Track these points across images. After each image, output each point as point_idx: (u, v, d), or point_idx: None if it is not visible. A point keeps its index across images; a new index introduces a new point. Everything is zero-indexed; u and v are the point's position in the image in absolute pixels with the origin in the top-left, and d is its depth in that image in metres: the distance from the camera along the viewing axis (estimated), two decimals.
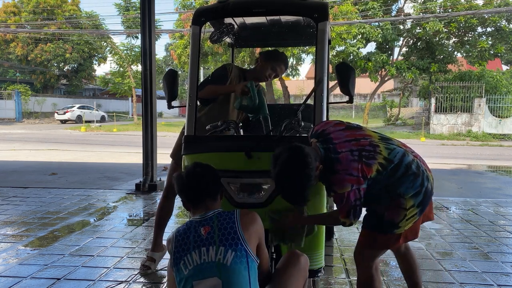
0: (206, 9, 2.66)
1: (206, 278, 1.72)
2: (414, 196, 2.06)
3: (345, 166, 1.97)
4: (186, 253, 1.78)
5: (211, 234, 1.78)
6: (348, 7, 20.08)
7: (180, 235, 1.83)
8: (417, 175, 2.06)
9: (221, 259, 1.73)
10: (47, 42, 34.09)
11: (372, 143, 2.07)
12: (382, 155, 2.04)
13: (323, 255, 2.47)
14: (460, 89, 20.14)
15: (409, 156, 2.11)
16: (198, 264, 1.75)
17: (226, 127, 2.99)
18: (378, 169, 2.01)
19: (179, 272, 1.78)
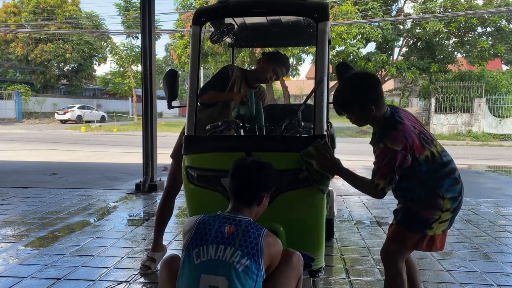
0: (206, 9, 2.66)
1: (215, 275, 1.75)
2: (452, 200, 2.07)
3: (404, 130, 2.02)
4: (204, 243, 1.80)
5: (233, 236, 1.81)
6: (348, 7, 20.08)
7: (204, 223, 1.87)
8: (457, 182, 2.10)
9: (234, 262, 1.76)
10: (47, 42, 34.10)
11: (431, 134, 2.16)
12: (436, 148, 2.10)
13: (323, 255, 2.47)
14: (460, 89, 20.15)
15: (454, 163, 2.16)
16: (211, 259, 1.77)
17: (226, 127, 2.99)
18: (428, 157, 2.04)
19: (189, 258, 1.81)
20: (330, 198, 3.79)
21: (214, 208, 2.38)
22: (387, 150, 1.99)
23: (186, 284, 1.80)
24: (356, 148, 13.93)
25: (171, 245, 3.96)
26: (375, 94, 2.10)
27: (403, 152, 1.98)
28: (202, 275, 1.77)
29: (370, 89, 2.10)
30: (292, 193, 2.31)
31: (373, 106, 2.08)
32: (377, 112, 2.10)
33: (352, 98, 2.11)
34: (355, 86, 2.13)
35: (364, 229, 4.56)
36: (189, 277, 1.80)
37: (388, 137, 2.01)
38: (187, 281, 1.80)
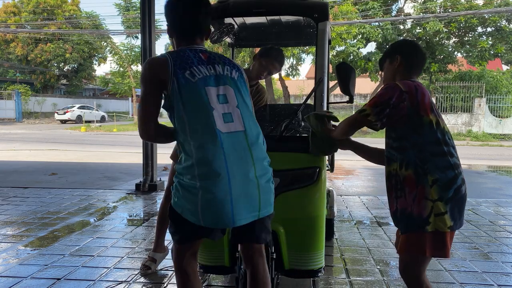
0: None
1: (218, 86, 1.82)
2: (441, 186, 1.93)
3: (420, 86, 2.02)
4: (191, 65, 1.82)
5: (211, 59, 1.89)
6: (348, 7, 20.08)
7: (179, 55, 1.85)
8: (452, 168, 1.97)
9: (228, 74, 1.88)
10: (47, 42, 34.10)
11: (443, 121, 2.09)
12: (443, 124, 2.05)
13: (323, 255, 2.47)
14: (460, 89, 20.15)
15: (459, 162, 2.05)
16: (209, 75, 1.83)
17: None
18: (432, 123, 1.98)
19: (185, 79, 1.78)
20: (330, 198, 3.79)
21: None
22: (392, 85, 2.00)
23: (193, 97, 1.77)
24: None
25: (171, 245, 3.95)
26: (413, 60, 2.14)
27: (405, 94, 1.95)
28: (205, 88, 1.79)
29: (413, 53, 2.15)
30: (292, 193, 2.31)
31: (399, 59, 2.12)
32: (401, 68, 2.13)
33: (398, 47, 2.19)
34: (401, 42, 2.24)
35: (364, 229, 4.55)
36: (194, 93, 1.78)
37: (401, 81, 2.04)
38: (194, 95, 1.78)
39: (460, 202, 2.00)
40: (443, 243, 2.02)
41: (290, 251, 2.37)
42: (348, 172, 9.05)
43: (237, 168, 1.72)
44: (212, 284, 3.10)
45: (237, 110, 1.81)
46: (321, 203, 2.37)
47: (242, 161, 1.75)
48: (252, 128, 1.83)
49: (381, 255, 3.70)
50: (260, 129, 1.88)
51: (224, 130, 1.75)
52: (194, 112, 1.77)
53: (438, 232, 1.98)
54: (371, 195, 6.35)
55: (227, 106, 1.80)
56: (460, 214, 2.01)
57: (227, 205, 1.70)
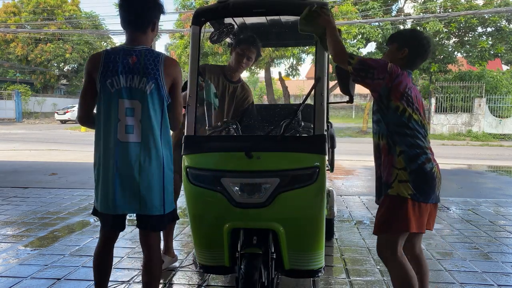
0: (206, 9, 2.66)
1: (130, 99, 2.09)
2: (407, 158, 2.16)
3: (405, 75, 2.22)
4: (114, 74, 2.09)
5: (137, 65, 2.09)
6: (348, 7, 20.07)
7: (110, 56, 2.12)
8: (417, 147, 2.18)
9: (143, 87, 2.09)
10: (47, 42, 34.07)
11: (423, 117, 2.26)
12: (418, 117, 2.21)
13: (323, 255, 2.47)
14: (460, 89, 20.13)
15: (425, 145, 2.22)
16: (125, 87, 2.09)
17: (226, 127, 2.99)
18: (397, 108, 2.17)
19: (104, 88, 2.10)
20: (330, 198, 3.79)
21: (214, 208, 2.39)
22: (385, 62, 2.22)
23: (106, 108, 2.11)
24: (356, 148, 13.92)
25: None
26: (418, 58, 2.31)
27: (386, 74, 2.17)
28: (118, 100, 2.08)
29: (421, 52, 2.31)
30: (292, 193, 2.31)
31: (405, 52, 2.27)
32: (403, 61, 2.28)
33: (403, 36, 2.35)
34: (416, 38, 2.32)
35: (364, 229, 4.55)
36: (108, 103, 2.10)
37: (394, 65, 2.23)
38: (107, 106, 2.11)
39: (426, 178, 2.19)
40: (405, 211, 2.16)
41: (290, 251, 2.37)
42: (348, 172, 9.05)
43: (122, 171, 2.09)
44: (212, 284, 3.10)
45: (139, 124, 2.09)
46: (321, 203, 2.36)
47: (128, 166, 2.08)
48: (149, 141, 2.10)
49: None
50: (159, 140, 2.12)
51: (123, 139, 2.08)
52: (105, 118, 2.12)
53: (400, 197, 2.17)
54: (371, 195, 6.35)
55: (131, 119, 2.08)
56: (428, 188, 2.19)
57: (106, 197, 2.12)
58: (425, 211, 2.23)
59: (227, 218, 2.36)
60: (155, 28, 2.22)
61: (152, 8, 2.17)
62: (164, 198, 2.18)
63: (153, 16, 2.18)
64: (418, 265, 2.38)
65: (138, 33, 2.16)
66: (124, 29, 2.17)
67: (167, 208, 2.21)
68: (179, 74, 2.19)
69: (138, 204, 2.12)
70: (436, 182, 2.22)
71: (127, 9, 2.15)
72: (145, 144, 2.09)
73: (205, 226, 2.46)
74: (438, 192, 2.28)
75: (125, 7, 2.15)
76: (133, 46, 2.14)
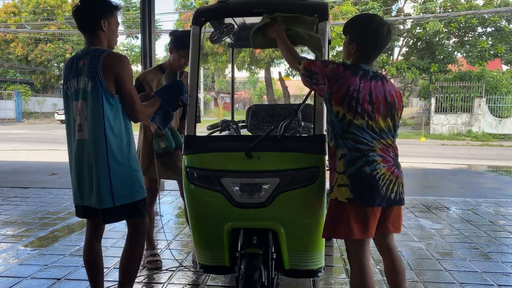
0: (206, 9, 2.66)
1: (77, 100, 2.27)
2: (346, 162, 2.09)
3: (346, 76, 2.08)
4: (69, 78, 2.30)
5: (83, 68, 2.23)
6: (348, 7, 20.10)
7: (69, 63, 2.33)
8: (357, 150, 2.07)
9: (86, 87, 2.22)
10: (47, 42, 34.08)
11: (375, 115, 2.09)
12: (367, 114, 2.06)
13: (323, 255, 2.47)
14: (460, 89, 20.13)
15: (369, 148, 2.07)
16: (76, 89, 2.27)
17: (226, 127, 2.99)
18: (338, 113, 2.08)
19: (64, 92, 2.35)
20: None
21: (214, 208, 2.39)
22: (330, 64, 2.15)
23: (67, 110, 2.35)
24: None
25: (171, 245, 3.96)
26: (368, 45, 2.14)
27: (326, 80, 2.10)
28: (73, 102, 2.29)
29: (369, 38, 2.13)
30: (292, 193, 2.31)
31: (355, 47, 2.15)
32: (355, 55, 2.17)
33: (350, 28, 2.21)
34: (363, 25, 2.17)
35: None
36: (67, 105, 2.34)
37: (338, 66, 2.13)
38: (67, 108, 2.34)
39: (365, 181, 2.08)
40: (346, 216, 2.11)
41: (290, 251, 2.37)
42: None
43: (77, 167, 2.30)
44: (212, 284, 3.10)
45: (85, 122, 2.25)
46: (321, 203, 2.36)
47: (81, 162, 2.28)
48: (94, 138, 2.24)
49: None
50: (104, 137, 2.23)
51: (77, 137, 2.29)
52: (67, 120, 2.36)
53: (338, 201, 2.13)
54: None
55: (80, 118, 2.26)
56: (369, 192, 2.08)
57: (74, 190, 2.36)
58: (372, 215, 2.10)
59: (227, 218, 2.36)
60: (105, 28, 2.29)
61: (94, 10, 2.27)
62: (112, 191, 2.25)
63: (97, 16, 2.26)
64: (391, 264, 2.31)
65: (89, 35, 2.30)
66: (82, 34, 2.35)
67: (117, 201, 2.27)
68: (122, 69, 2.24)
69: (94, 198, 2.28)
70: (379, 184, 2.06)
71: (75, 15, 2.29)
72: (92, 140, 2.24)
73: (205, 226, 2.46)
74: (395, 195, 2.12)
75: (74, 14, 2.29)
76: (87, 49, 2.28)
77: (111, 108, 2.23)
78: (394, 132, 2.17)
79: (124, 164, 2.29)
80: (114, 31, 2.36)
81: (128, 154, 2.32)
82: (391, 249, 2.33)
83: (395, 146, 2.20)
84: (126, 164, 2.30)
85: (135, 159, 2.38)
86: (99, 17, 2.25)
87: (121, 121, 2.30)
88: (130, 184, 2.32)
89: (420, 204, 5.75)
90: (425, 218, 4.99)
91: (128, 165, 2.31)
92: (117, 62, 2.24)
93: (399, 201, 2.16)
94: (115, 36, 2.40)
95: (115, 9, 2.33)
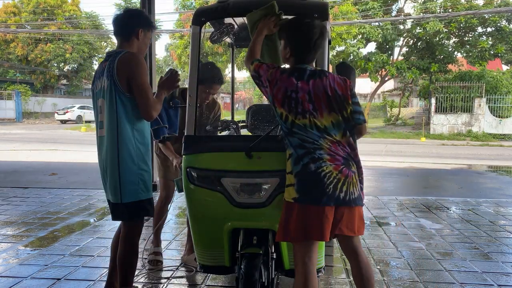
0: (206, 9, 2.66)
1: (100, 99, 2.47)
2: (293, 161, 2.08)
3: (282, 79, 2.12)
4: (96, 78, 2.52)
5: (106, 69, 2.41)
6: (348, 7, 20.09)
7: (99, 64, 2.56)
8: (302, 147, 2.06)
9: (104, 86, 2.41)
10: (47, 42, 34.07)
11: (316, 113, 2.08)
12: (302, 121, 2.08)
13: (323, 255, 2.47)
14: (460, 89, 20.13)
15: (318, 149, 2.05)
16: (99, 88, 2.46)
17: (226, 127, 2.99)
18: (282, 114, 2.11)
19: (93, 91, 2.55)
20: None
21: (214, 208, 2.39)
22: (272, 68, 2.18)
23: (94, 108, 2.55)
24: None
25: (171, 245, 3.96)
26: (299, 45, 2.14)
27: (268, 76, 2.14)
28: (97, 100, 2.49)
29: (297, 35, 2.15)
30: None
31: (289, 51, 2.16)
32: (291, 58, 2.17)
33: (282, 33, 2.22)
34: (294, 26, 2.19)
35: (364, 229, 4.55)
36: (94, 104, 2.54)
37: (277, 69, 2.17)
38: (94, 106, 2.54)
39: (309, 179, 2.04)
40: (293, 216, 2.06)
41: (290, 251, 2.37)
42: None
43: (99, 162, 2.51)
44: (212, 284, 3.10)
45: (105, 119, 2.42)
46: None
47: (101, 157, 2.48)
48: (109, 135, 2.40)
49: (381, 255, 3.70)
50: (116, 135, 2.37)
51: (99, 134, 2.49)
52: (94, 117, 2.55)
53: (287, 202, 2.10)
54: (371, 195, 6.35)
55: (101, 116, 2.45)
56: (313, 189, 2.03)
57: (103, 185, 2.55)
58: (323, 216, 2.01)
59: (227, 218, 2.36)
60: (140, 36, 2.50)
61: (136, 18, 2.52)
62: (120, 187, 2.38)
63: (137, 24, 2.49)
64: (356, 269, 2.21)
65: (122, 40, 2.51)
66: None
67: (124, 198, 2.40)
68: (133, 69, 2.36)
69: (109, 193, 2.47)
70: (325, 182, 2.00)
71: (116, 20, 2.51)
72: (108, 137, 2.40)
73: (205, 226, 2.46)
74: (345, 195, 2.03)
75: (115, 20, 2.51)
76: (114, 51, 2.48)
77: (123, 106, 2.36)
78: (344, 125, 2.11)
79: (133, 162, 2.39)
80: (146, 43, 2.56)
81: (138, 153, 2.42)
82: (355, 253, 2.20)
83: (348, 143, 2.13)
84: (135, 163, 2.40)
85: (143, 159, 2.45)
86: (138, 25, 2.48)
87: (133, 120, 2.40)
88: (137, 183, 2.41)
89: (420, 204, 5.75)
90: (425, 218, 4.99)
91: (136, 163, 2.40)
92: (129, 61, 2.37)
93: (349, 202, 2.05)
94: (145, 48, 2.58)
95: (152, 27, 2.58)
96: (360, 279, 2.19)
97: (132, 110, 2.38)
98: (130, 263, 2.53)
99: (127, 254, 2.51)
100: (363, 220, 2.17)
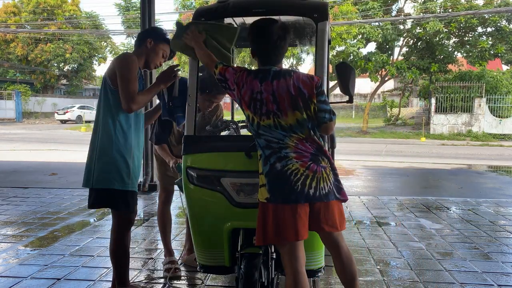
0: (206, 9, 2.66)
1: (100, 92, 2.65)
2: (262, 162, 2.12)
3: (247, 82, 2.14)
4: None
5: None
6: (348, 7, 20.08)
7: None
8: (268, 148, 2.09)
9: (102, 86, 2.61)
10: (47, 42, 34.08)
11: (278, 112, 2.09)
12: (266, 122, 2.09)
13: (323, 255, 2.47)
14: (460, 89, 20.13)
15: (285, 148, 2.07)
16: None
17: (226, 127, 2.99)
18: (249, 116, 2.14)
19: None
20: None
21: (214, 208, 2.39)
22: (240, 71, 2.20)
23: None
24: (356, 148, 13.94)
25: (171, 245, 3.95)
26: (261, 47, 2.18)
27: (235, 80, 2.17)
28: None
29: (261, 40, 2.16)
30: None
31: (255, 53, 2.21)
32: (257, 61, 2.21)
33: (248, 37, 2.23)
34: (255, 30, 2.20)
35: (364, 229, 4.55)
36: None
37: (246, 72, 2.19)
38: None
39: (277, 177, 2.06)
40: (268, 217, 2.06)
41: None
42: (348, 172, 9.05)
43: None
44: (212, 284, 3.10)
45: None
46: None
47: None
48: (94, 124, 2.63)
49: (381, 255, 3.70)
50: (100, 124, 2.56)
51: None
52: None
53: (261, 203, 2.11)
54: (371, 195, 6.35)
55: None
56: (282, 188, 2.04)
57: None
58: (296, 215, 2.02)
59: (227, 218, 2.36)
60: (149, 46, 2.66)
61: (149, 31, 2.90)
62: (94, 173, 2.57)
63: (147, 35, 2.73)
64: (340, 265, 2.25)
65: (134, 47, 2.74)
66: None
67: (95, 184, 2.55)
68: (119, 63, 2.52)
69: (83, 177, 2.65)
70: (292, 180, 2.02)
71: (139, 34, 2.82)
72: (93, 126, 2.66)
73: (205, 226, 2.46)
74: (315, 191, 2.03)
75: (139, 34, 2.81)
76: None
77: (107, 99, 2.53)
78: (309, 122, 2.10)
79: (109, 151, 2.52)
80: (157, 53, 2.68)
81: (117, 143, 2.52)
82: (337, 249, 2.23)
83: (316, 139, 2.12)
84: (111, 152, 2.52)
85: (120, 150, 2.54)
86: (149, 36, 2.68)
87: (116, 111, 2.52)
88: (109, 171, 2.51)
89: (420, 204, 5.75)
90: (425, 218, 4.99)
91: (112, 153, 2.52)
92: (119, 57, 2.57)
93: (319, 197, 2.05)
94: (156, 60, 2.69)
95: (164, 40, 2.70)
96: (345, 275, 2.23)
97: (115, 103, 2.51)
98: (119, 257, 2.62)
99: (114, 247, 2.64)
100: (343, 214, 2.20)
